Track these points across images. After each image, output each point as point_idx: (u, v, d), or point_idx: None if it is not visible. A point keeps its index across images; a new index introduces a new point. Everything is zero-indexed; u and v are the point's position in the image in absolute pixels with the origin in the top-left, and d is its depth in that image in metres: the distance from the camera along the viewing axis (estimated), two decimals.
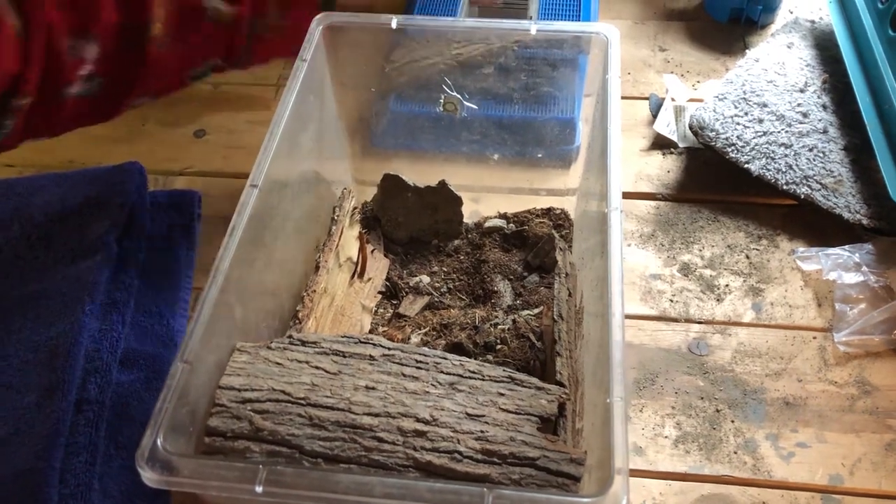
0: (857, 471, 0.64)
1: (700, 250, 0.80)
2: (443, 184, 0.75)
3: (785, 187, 0.80)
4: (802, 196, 0.79)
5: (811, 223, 0.81)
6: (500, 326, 0.69)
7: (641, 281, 0.77)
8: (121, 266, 0.76)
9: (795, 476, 0.64)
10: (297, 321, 0.61)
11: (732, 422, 0.67)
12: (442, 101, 0.73)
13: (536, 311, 0.71)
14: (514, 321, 0.69)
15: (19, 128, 0.62)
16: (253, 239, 0.56)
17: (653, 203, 0.84)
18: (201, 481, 0.42)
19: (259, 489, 0.41)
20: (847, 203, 0.78)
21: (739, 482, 0.64)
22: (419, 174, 0.76)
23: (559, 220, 0.79)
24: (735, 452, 0.65)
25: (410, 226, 0.78)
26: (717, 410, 0.68)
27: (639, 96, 0.95)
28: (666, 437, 0.66)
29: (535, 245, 0.76)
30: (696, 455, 0.65)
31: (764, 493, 0.63)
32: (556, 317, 0.61)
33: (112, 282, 0.74)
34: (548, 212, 0.79)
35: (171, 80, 0.69)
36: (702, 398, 0.69)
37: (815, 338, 0.72)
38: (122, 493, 0.63)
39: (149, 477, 0.42)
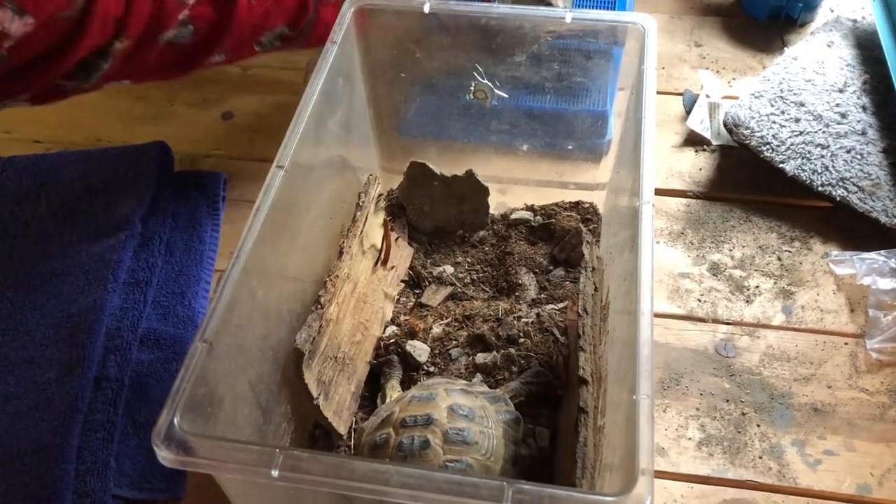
0: (886, 481, 0.62)
1: (730, 250, 0.78)
2: (470, 173, 0.74)
3: (820, 189, 0.78)
4: (838, 198, 0.77)
5: (846, 226, 0.79)
6: (523, 320, 0.68)
7: (669, 279, 0.76)
8: (144, 245, 0.76)
9: (822, 484, 0.62)
10: (319, 306, 0.60)
11: (758, 426, 0.65)
12: (472, 88, 0.72)
13: (561, 305, 0.70)
14: (537, 315, 0.68)
15: (112, 71, 0.63)
16: (277, 221, 0.55)
17: (683, 200, 0.83)
18: (217, 462, 0.41)
19: (275, 473, 0.40)
20: (884, 207, 0.76)
21: (763, 488, 0.62)
22: (446, 163, 0.75)
23: (587, 214, 0.77)
24: (760, 457, 0.64)
25: (436, 215, 0.77)
26: (743, 414, 0.66)
27: (673, 92, 0.93)
28: (689, 438, 0.65)
29: (562, 238, 0.75)
30: (720, 458, 0.64)
31: (789, 501, 0.61)
32: (581, 311, 0.59)
33: (135, 260, 0.74)
34: (576, 205, 0.78)
35: (246, 41, 0.71)
36: (727, 400, 0.67)
37: (846, 343, 0.71)
38: (137, 473, 0.63)
39: (164, 456, 0.42)
